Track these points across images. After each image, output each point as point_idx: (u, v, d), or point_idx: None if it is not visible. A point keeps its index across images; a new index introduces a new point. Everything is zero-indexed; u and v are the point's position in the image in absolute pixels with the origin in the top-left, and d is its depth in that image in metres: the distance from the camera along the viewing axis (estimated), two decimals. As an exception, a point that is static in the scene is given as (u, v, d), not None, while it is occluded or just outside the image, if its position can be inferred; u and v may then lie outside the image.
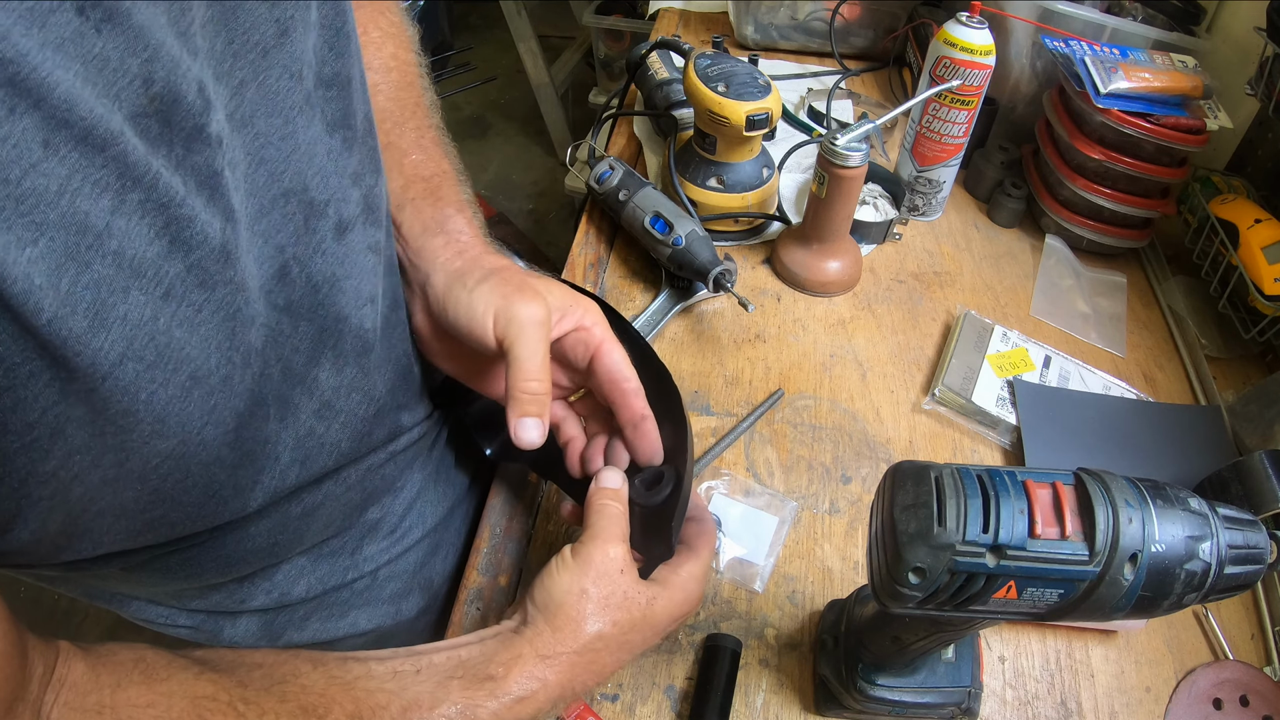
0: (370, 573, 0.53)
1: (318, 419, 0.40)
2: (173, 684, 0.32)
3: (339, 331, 0.39)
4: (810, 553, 0.56)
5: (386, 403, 0.45)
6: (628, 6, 1.96)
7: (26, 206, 0.23)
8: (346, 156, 0.38)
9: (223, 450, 0.34)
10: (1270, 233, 0.68)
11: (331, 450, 0.42)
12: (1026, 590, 0.31)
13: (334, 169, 0.37)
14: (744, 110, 0.68)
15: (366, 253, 0.40)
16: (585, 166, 0.80)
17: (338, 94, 0.37)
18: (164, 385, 0.29)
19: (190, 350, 0.29)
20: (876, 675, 0.43)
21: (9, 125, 0.22)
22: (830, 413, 0.65)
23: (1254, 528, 0.31)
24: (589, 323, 0.43)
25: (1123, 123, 0.71)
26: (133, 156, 0.25)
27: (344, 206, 0.38)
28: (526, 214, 2.38)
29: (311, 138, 0.35)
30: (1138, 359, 0.73)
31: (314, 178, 0.36)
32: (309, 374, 0.38)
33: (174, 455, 0.31)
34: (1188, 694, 0.50)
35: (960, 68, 0.72)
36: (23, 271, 0.23)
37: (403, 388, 0.47)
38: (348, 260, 0.38)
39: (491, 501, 0.58)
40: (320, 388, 0.39)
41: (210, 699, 0.32)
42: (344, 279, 0.38)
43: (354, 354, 0.41)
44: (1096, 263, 0.82)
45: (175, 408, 0.30)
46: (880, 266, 0.79)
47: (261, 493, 0.38)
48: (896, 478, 0.34)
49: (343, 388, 0.41)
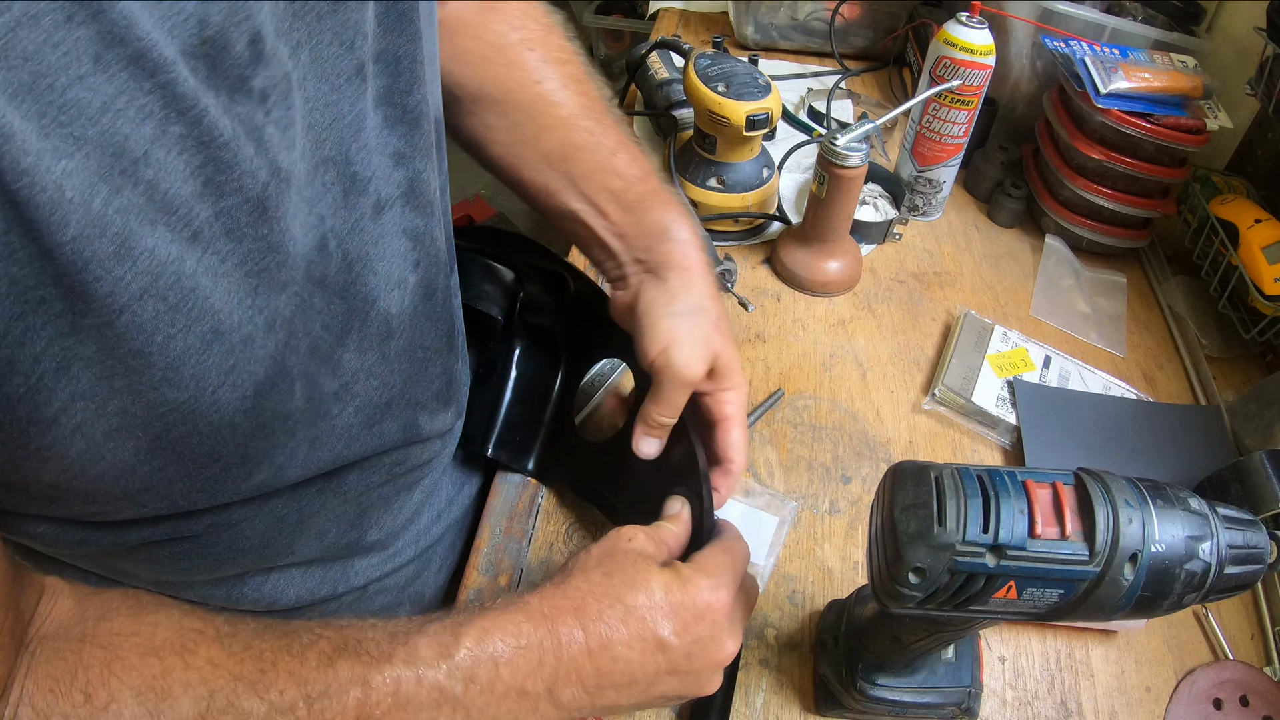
0: (360, 587, 0.52)
1: (335, 401, 0.39)
2: (160, 615, 0.32)
3: (365, 313, 0.38)
4: (810, 553, 0.56)
5: (400, 395, 0.44)
6: (628, 6, 1.96)
7: (68, 117, 0.23)
8: (389, 135, 0.37)
9: (237, 417, 0.32)
10: (1270, 233, 0.68)
11: (342, 435, 0.41)
12: (1026, 590, 0.31)
13: (377, 145, 0.36)
14: (744, 110, 0.68)
15: (401, 236, 0.39)
16: (585, 166, 0.80)
17: (385, 70, 0.36)
18: (183, 332, 0.28)
19: (215, 301, 0.29)
20: (876, 675, 0.43)
21: (64, 32, 0.22)
22: (830, 413, 0.65)
23: (1254, 528, 0.31)
24: (732, 400, 0.47)
25: (1123, 123, 0.71)
26: (182, 88, 0.25)
27: (383, 185, 0.37)
28: (526, 214, 2.38)
29: (360, 111, 0.34)
30: (1138, 359, 0.73)
31: (358, 152, 0.35)
32: (335, 354, 0.38)
33: (184, 408, 0.30)
34: (1188, 694, 0.50)
35: (960, 68, 0.72)
36: (54, 181, 0.22)
37: (420, 384, 0.46)
38: (382, 241, 0.38)
39: (491, 501, 0.58)
40: (343, 370, 0.39)
41: (197, 631, 0.32)
42: (376, 260, 0.38)
43: (377, 338, 0.40)
44: (1096, 263, 0.82)
45: (192, 359, 0.29)
46: (880, 266, 0.79)
47: (267, 471, 0.37)
48: (896, 478, 0.34)
49: (361, 371, 0.40)
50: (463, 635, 0.34)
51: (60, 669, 0.29)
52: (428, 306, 0.44)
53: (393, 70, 0.36)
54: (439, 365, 0.47)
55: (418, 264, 0.41)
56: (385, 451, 0.46)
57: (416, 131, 0.38)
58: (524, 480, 0.59)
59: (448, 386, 0.49)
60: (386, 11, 0.35)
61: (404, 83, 0.37)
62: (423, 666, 0.33)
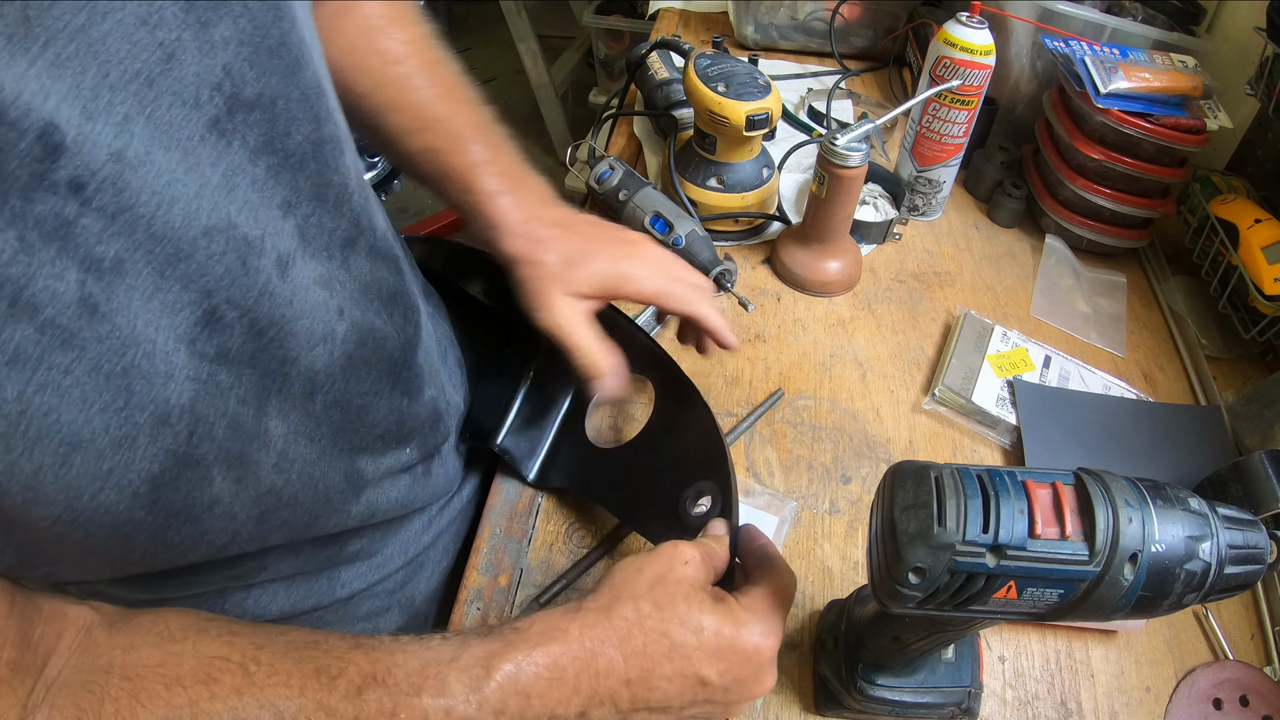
0: (346, 599, 0.52)
1: (277, 472, 0.38)
2: (185, 645, 0.32)
3: (285, 375, 0.37)
4: (810, 553, 0.56)
5: (331, 446, 0.42)
6: (628, 6, 1.96)
7: None
8: (274, 185, 0.34)
9: (137, 514, 0.32)
10: (1270, 233, 0.68)
11: (289, 503, 0.40)
12: (1026, 590, 0.31)
13: (260, 200, 0.34)
14: (744, 110, 0.68)
15: (315, 288, 0.37)
16: (585, 166, 0.80)
17: (261, 118, 0.33)
18: (25, 456, 0.27)
19: (62, 415, 0.28)
20: (876, 675, 0.43)
21: None
22: (830, 413, 0.65)
23: (1254, 528, 0.31)
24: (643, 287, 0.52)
25: (1123, 123, 0.71)
26: None
27: (279, 240, 0.35)
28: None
29: (229, 168, 0.32)
30: (1138, 359, 0.73)
31: (239, 212, 0.32)
32: (260, 426, 0.36)
33: (65, 519, 0.30)
34: (1188, 694, 0.50)
35: (960, 68, 0.72)
36: None
37: (357, 431, 0.43)
38: (296, 299, 0.36)
39: (491, 501, 0.58)
40: (273, 439, 0.37)
41: (222, 659, 0.32)
42: (294, 320, 0.36)
43: (300, 397, 0.38)
44: (1096, 263, 0.82)
45: (48, 476, 0.28)
46: (880, 266, 0.79)
47: (209, 548, 0.37)
48: (896, 478, 0.34)
49: (290, 434, 0.38)
50: (495, 669, 0.34)
51: (87, 701, 0.29)
52: (365, 351, 0.42)
53: (269, 116, 0.34)
54: (382, 407, 0.44)
55: (342, 311, 0.39)
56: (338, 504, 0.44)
57: (301, 174, 0.36)
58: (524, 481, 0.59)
59: (398, 426, 0.46)
60: (255, 52, 0.33)
61: (282, 126, 0.34)
62: (452, 699, 0.33)
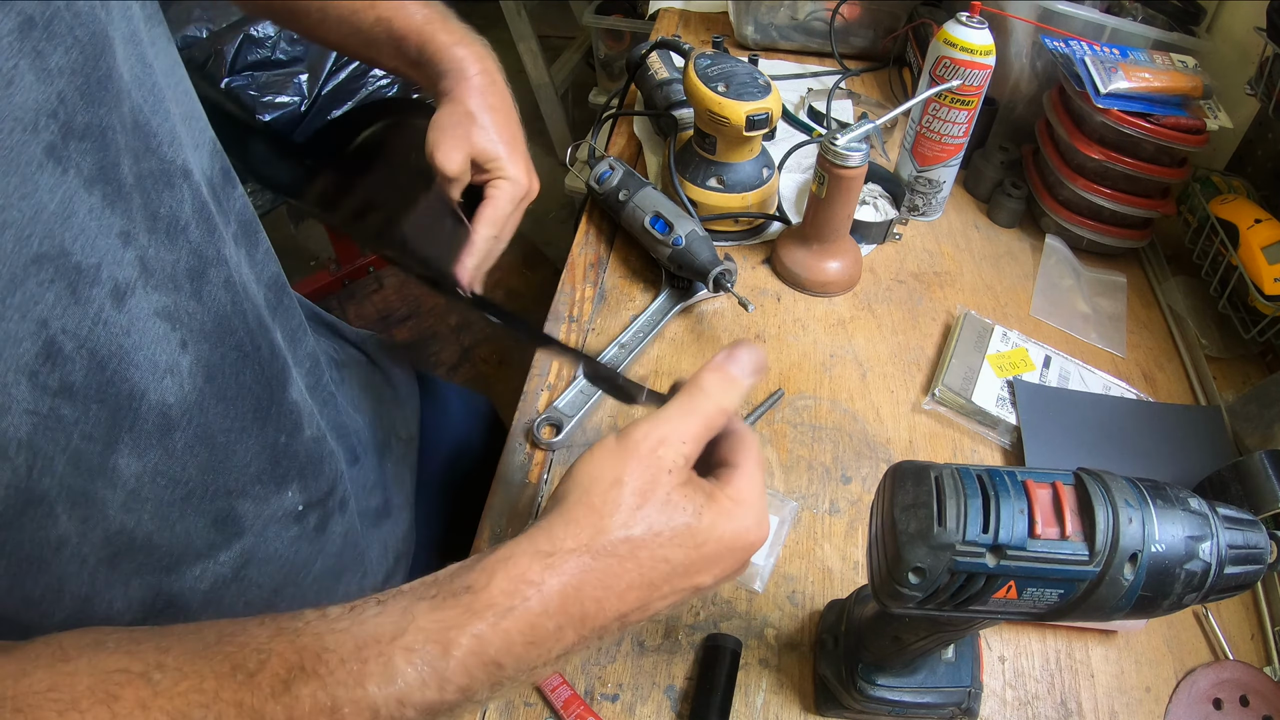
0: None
1: (126, 512, 0.36)
2: (80, 663, 0.29)
3: (135, 410, 0.35)
4: (810, 553, 0.56)
5: (200, 486, 0.40)
6: (628, 6, 1.96)
7: None
8: (110, 215, 0.33)
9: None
10: (1270, 233, 0.68)
11: (143, 547, 0.38)
12: (1026, 590, 0.31)
13: (98, 229, 0.33)
14: (744, 110, 0.68)
15: (155, 319, 0.36)
16: (585, 166, 0.80)
17: (92, 146, 0.32)
18: None
19: None
20: (876, 675, 0.43)
21: None
22: (830, 413, 0.65)
23: (1254, 528, 0.31)
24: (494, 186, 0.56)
25: (1123, 123, 0.71)
26: None
27: (117, 270, 0.34)
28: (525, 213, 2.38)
29: (65, 195, 0.31)
30: (1138, 359, 0.73)
31: (74, 240, 0.31)
32: (107, 463, 0.35)
33: None
34: (1188, 694, 0.50)
35: (960, 68, 0.72)
36: None
37: (227, 470, 0.41)
38: (134, 330, 0.35)
39: (491, 501, 0.58)
40: (123, 477, 0.36)
41: (121, 672, 0.28)
42: (133, 351, 0.35)
43: (156, 434, 0.36)
44: (1096, 263, 0.82)
45: None
46: (880, 266, 0.79)
47: (72, 599, 0.35)
48: (896, 478, 0.34)
49: (146, 473, 0.37)
50: (453, 643, 0.28)
51: None
52: (216, 387, 0.40)
53: (100, 145, 0.33)
54: (251, 444, 0.42)
55: (184, 344, 0.38)
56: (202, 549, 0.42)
57: (132, 204, 0.35)
58: (524, 480, 0.59)
59: (273, 465, 0.44)
60: (85, 83, 0.32)
61: (113, 156, 0.33)
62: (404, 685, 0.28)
